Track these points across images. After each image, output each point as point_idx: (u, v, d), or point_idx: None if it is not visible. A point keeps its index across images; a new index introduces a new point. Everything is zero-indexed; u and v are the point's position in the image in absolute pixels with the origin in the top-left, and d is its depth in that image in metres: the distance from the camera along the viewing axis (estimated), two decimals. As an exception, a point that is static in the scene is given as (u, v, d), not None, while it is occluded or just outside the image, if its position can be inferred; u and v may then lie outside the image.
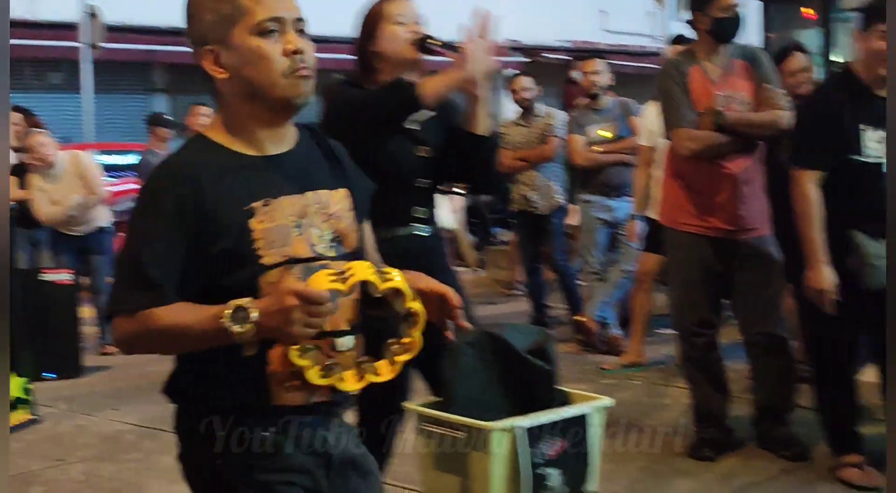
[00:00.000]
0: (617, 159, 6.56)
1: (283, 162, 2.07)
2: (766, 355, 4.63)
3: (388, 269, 2.04)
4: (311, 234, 2.04)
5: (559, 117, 7.12)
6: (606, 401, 2.95)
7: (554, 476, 2.80)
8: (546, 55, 13.14)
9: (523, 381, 2.94)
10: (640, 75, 11.11)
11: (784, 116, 4.45)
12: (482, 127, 2.94)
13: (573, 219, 6.92)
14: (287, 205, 2.03)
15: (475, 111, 2.93)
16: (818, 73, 5.87)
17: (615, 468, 4.44)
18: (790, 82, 5.04)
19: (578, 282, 7.11)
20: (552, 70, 11.73)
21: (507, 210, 7.41)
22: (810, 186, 4.18)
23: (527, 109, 7.16)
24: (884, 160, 4.13)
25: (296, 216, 2.03)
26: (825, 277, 4.14)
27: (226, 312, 1.86)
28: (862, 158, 4.13)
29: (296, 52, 2.01)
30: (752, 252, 4.58)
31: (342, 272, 1.95)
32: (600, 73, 6.66)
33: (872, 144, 4.13)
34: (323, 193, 2.09)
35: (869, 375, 4.63)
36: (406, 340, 2.07)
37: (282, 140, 2.09)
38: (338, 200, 2.12)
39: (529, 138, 7.08)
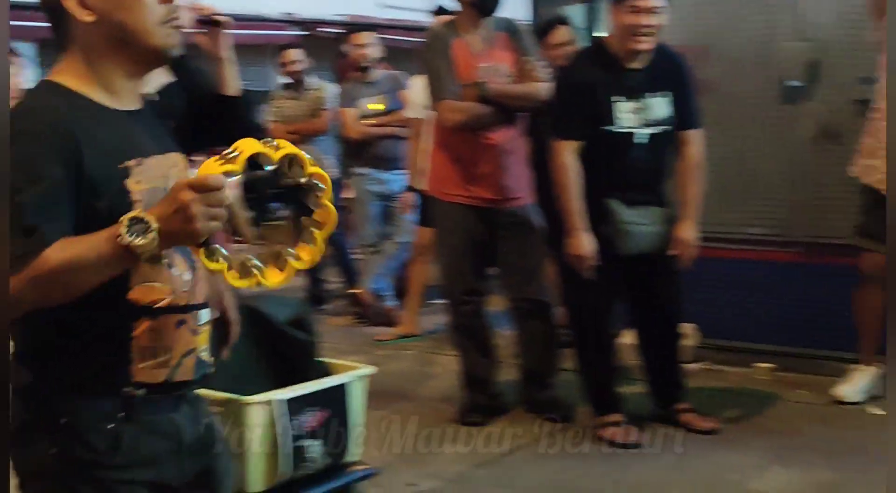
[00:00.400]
0: (388, 132, 6.59)
1: (142, 118, 1.95)
2: (530, 321, 4.76)
3: (277, 141, 1.85)
4: None
5: (330, 90, 7.07)
6: (367, 370, 2.95)
7: (315, 447, 2.80)
8: (322, 29, 13.01)
9: (284, 353, 2.91)
10: (416, 49, 11.14)
11: (543, 87, 4.56)
12: (231, 88, 2.89)
13: (347, 192, 6.91)
14: (155, 165, 1.90)
15: (221, 72, 2.88)
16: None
17: (387, 437, 4.48)
18: (553, 55, 5.16)
19: (353, 255, 7.11)
20: (328, 44, 11.64)
21: (282, 184, 7.30)
22: (568, 157, 4.31)
23: (297, 82, 7.09)
24: (636, 130, 4.31)
25: (164, 178, 1.90)
26: (584, 243, 4.28)
27: (122, 229, 1.68)
28: (615, 129, 4.29)
29: (171, 0, 1.90)
30: (516, 221, 4.69)
31: (228, 153, 1.81)
32: (370, 47, 6.66)
33: (624, 115, 4.29)
34: (176, 155, 1.98)
35: (627, 337, 4.84)
36: (319, 213, 1.86)
37: (136, 95, 1.95)
38: (185, 164, 2.02)
39: (301, 112, 7.01)
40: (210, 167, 1.75)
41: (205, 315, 1.99)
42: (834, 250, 5.25)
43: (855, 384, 4.91)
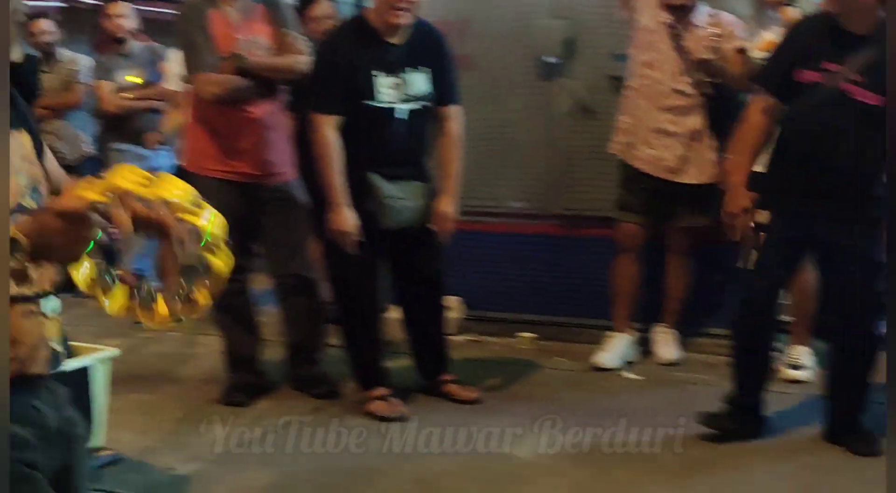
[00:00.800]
0: (147, 106, 6.37)
1: None
2: (295, 297, 4.71)
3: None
4: (18, 180, 1.77)
5: (84, 63, 6.77)
6: (110, 352, 2.83)
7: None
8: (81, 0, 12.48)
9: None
10: (174, 21, 10.82)
11: (303, 61, 4.51)
12: (13, 53, 2.71)
13: (106, 170, 6.64)
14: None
15: None
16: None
17: (148, 420, 4.37)
18: (314, 28, 5.11)
19: (114, 234, 6.84)
20: (86, 15, 11.17)
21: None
22: (329, 131, 4.27)
23: (48, 54, 6.75)
24: (396, 105, 4.31)
25: (10, 156, 1.73)
26: (346, 218, 4.26)
27: None
28: (375, 104, 4.28)
29: None
30: (278, 196, 4.61)
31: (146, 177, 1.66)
32: (126, 17, 6.41)
33: (385, 89, 4.29)
34: (18, 133, 1.81)
35: (393, 312, 4.86)
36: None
37: None
38: (27, 142, 1.84)
39: (52, 85, 6.67)
40: (126, 177, 1.65)
41: (54, 303, 1.86)
42: (590, 222, 5.44)
43: (610, 351, 5.11)
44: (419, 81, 4.35)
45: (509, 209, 5.65)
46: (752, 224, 4.05)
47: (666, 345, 5.20)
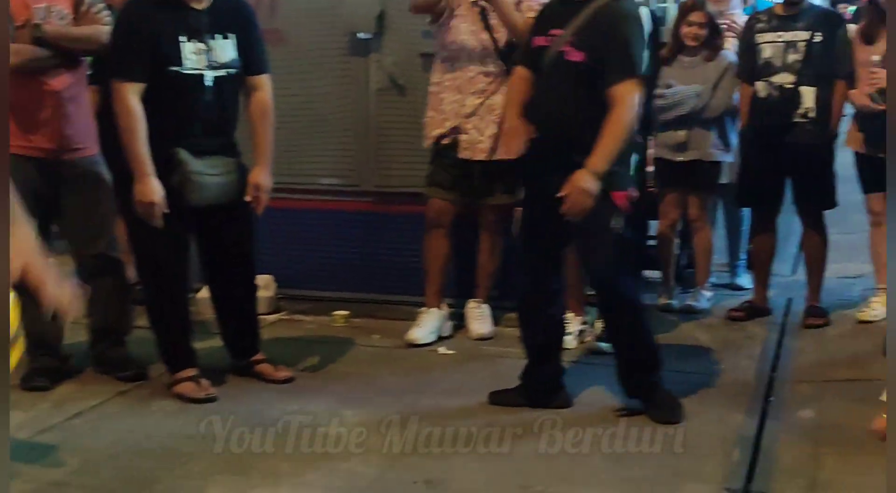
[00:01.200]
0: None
1: None
2: (99, 277, 4.54)
3: None
4: None
5: None
6: None
7: None
8: None
9: None
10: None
11: (105, 30, 4.36)
12: None
13: None
14: None
15: None
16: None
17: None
18: (112, 2, 4.94)
19: None
20: None
21: None
22: (132, 99, 4.14)
23: None
24: (203, 72, 4.19)
25: None
26: (152, 189, 4.13)
27: None
28: (181, 70, 4.16)
29: None
30: (80, 172, 4.44)
31: None
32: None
33: (191, 55, 4.18)
34: None
35: (202, 290, 4.76)
36: None
37: None
38: None
39: None
40: None
41: None
42: (402, 199, 5.44)
43: (424, 327, 5.13)
44: (225, 48, 4.25)
45: (321, 186, 5.60)
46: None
47: (478, 320, 5.26)
